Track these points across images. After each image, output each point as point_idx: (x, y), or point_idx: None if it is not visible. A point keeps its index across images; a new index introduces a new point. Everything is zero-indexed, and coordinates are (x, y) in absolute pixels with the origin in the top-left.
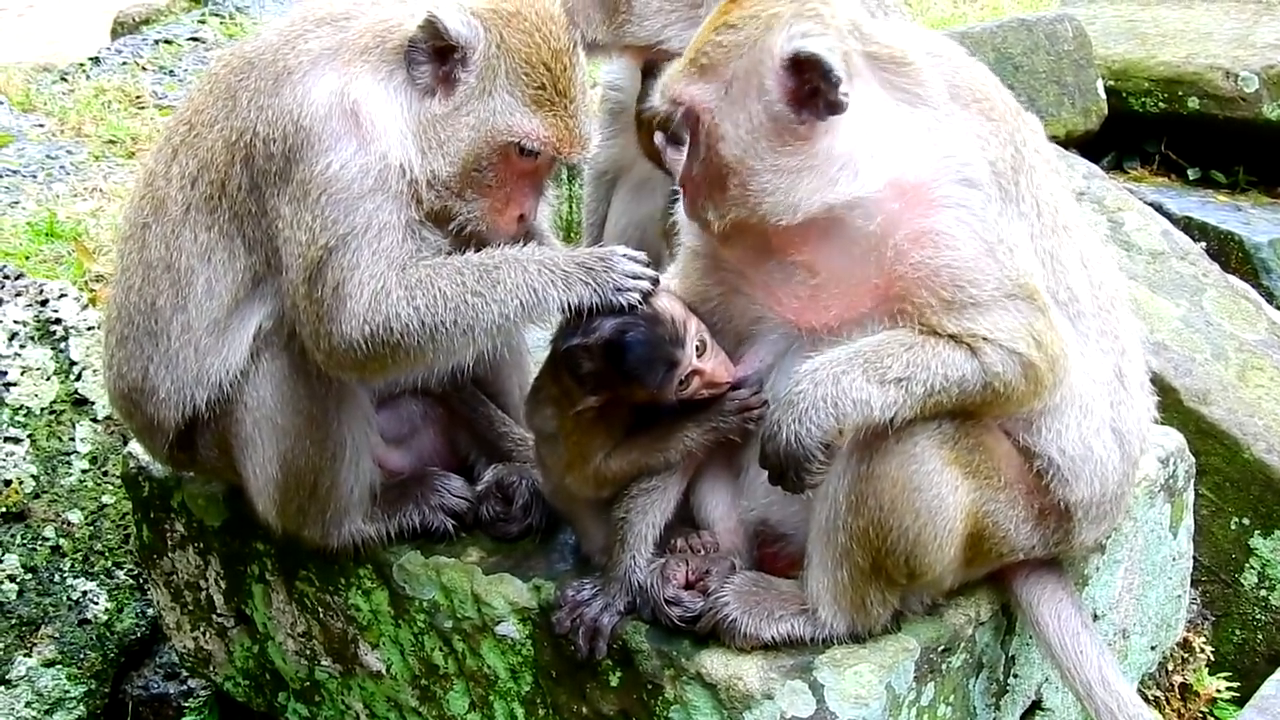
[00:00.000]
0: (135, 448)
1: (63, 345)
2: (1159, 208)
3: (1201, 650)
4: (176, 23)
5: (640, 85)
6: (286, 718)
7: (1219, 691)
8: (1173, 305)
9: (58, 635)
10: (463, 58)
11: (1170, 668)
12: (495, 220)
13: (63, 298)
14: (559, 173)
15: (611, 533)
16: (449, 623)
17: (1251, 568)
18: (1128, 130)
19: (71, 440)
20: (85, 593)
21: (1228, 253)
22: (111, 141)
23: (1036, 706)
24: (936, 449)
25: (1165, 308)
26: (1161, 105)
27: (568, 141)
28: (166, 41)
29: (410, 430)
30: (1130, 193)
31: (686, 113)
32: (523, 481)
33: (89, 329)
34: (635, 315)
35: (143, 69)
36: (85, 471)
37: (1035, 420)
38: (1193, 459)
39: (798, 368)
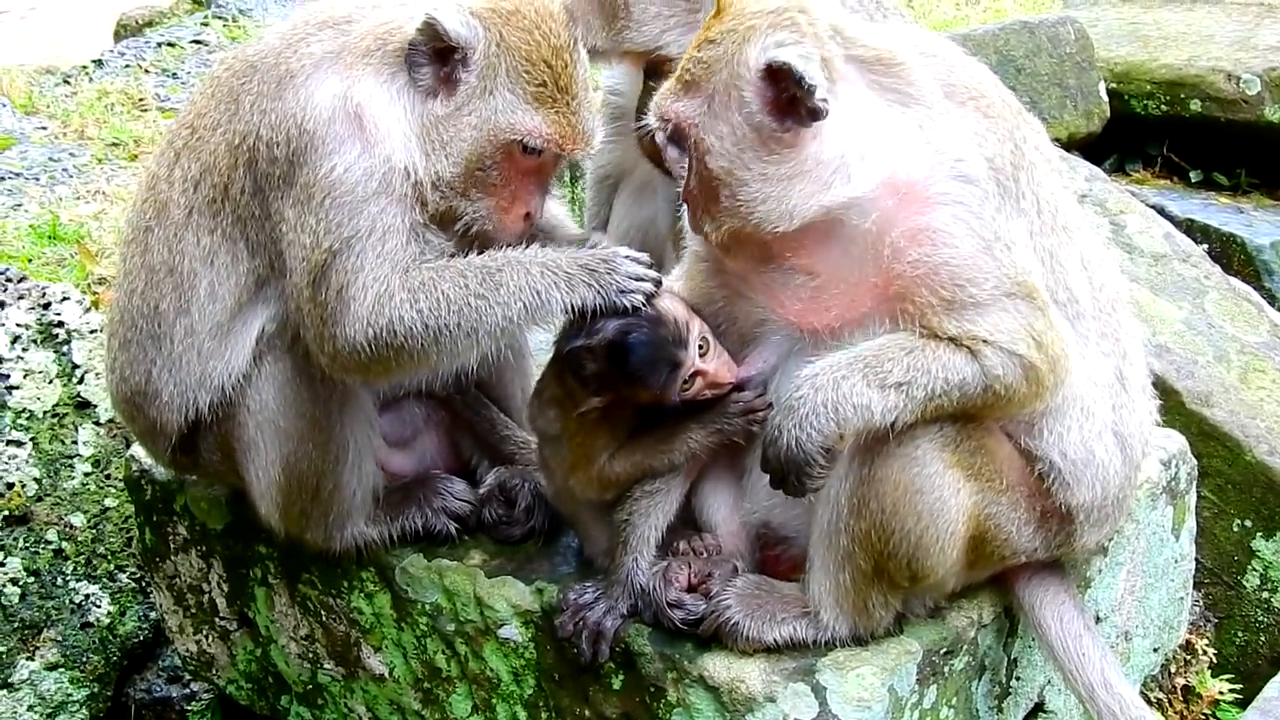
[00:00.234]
0: (138, 451)
1: (65, 348)
2: (1161, 210)
3: (1204, 652)
4: (179, 25)
5: (642, 87)
6: None
7: (1221, 694)
8: (1175, 308)
9: (60, 639)
10: (463, 58)
11: (1173, 670)
12: (501, 219)
13: (65, 301)
14: (563, 172)
15: (614, 535)
16: (451, 625)
17: (1254, 570)
18: (1130, 133)
19: (74, 443)
20: (88, 596)
21: (1230, 255)
22: (114, 144)
23: (1039, 709)
24: (938, 452)
25: (1167, 310)
26: (1163, 108)
27: (570, 138)
28: (169, 44)
29: (413, 433)
30: (1132, 195)
31: (675, 129)
32: (525, 484)
33: (91, 332)
34: (638, 317)
35: (145, 71)
36: (88, 475)
37: (1037, 423)
38: (1195, 461)
39: (798, 373)
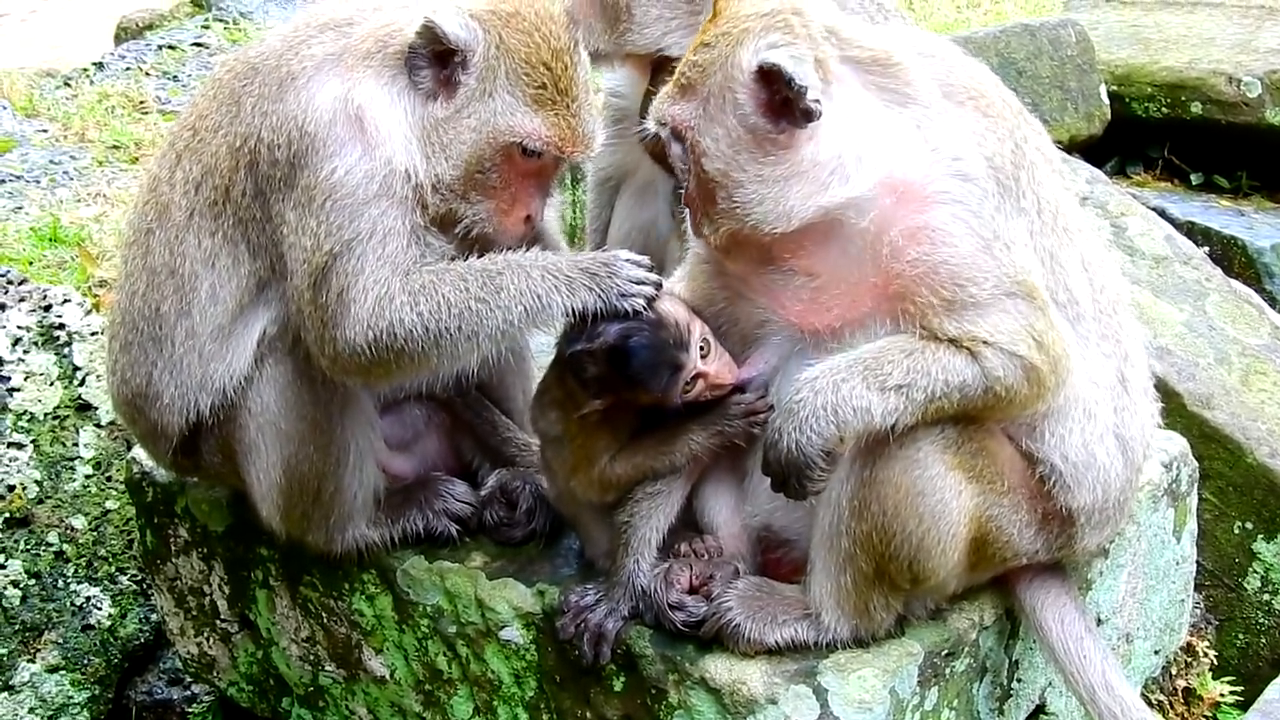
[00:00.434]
0: (139, 453)
1: (66, 351)
2: (1162, 213)
3: (1205, 654)
4: (180, 28)
5: (646, 88)
6: None
7: (1222, 696)
8: (1176, 310)
9: (61, 641)
10: (462, 60)
11: (1174, 672)
12: (502, 222)
13: (66, 303)
14: (564, 176)
15: (615, 537)
16: (453, 627)
17: (1255, 572)
18: (1131, 135)
19: (75, 446)
20: (89, 598)
21: (1231, 257)
22: (115, 147)
23: (1040, 711)
24: (940, 454)
25: (1168, 312)
26: (1164, 110)
27: (570, 140)
28: (170, 47)
29: (414, 435)
30: (1133, 198)
31: (672, 132)
32: (526, 486)
33: (92, 334)
34: (639, 320)
35: (146, 74)
36: (89, 477)
37: (1038, 425)
38: (1196, 463)
39: (798, 376)
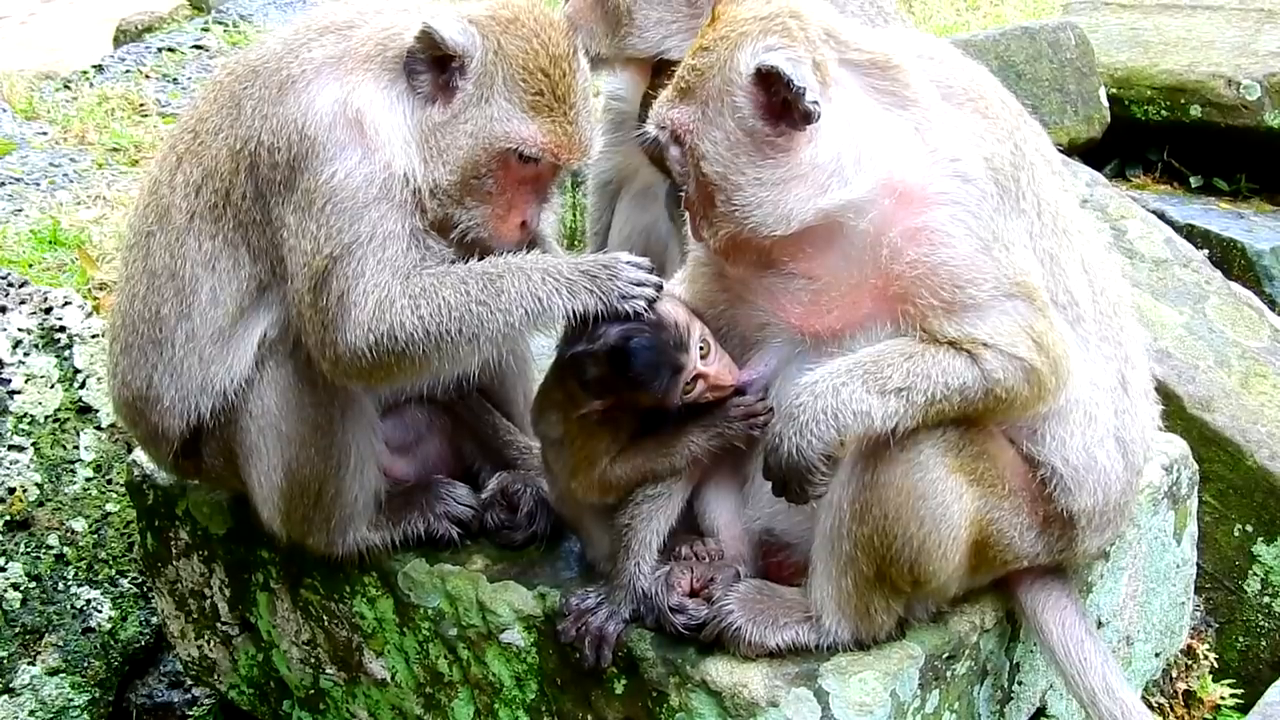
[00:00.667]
0: (140, 456)
1: (67, 353)
2: (1162, 215)
3: (1205, 657)
4: (179, 30)
5: (645, 90)
6: None
7: (1223, 698)
8: (1176, 313)
9: (61, 644)
10: (460, 66)
11: (1174, 675)
12: (497, 228)
13: (67, 305)
14: (564, 179)
15: (615, 540)
16: (454, 630)
17: (1255, 574)
18: (1130, 138)
19: (75, 448)
20: (89, 601)
21: (1230, 260)
22: (115, 149)
23: (1041, 713)
24: (941, 457)
25: (1168, 315)
26: (1164, 113)
27: (567, 147)
28: (170, 49)
29: (415, 438)
30: (1133, 200)
31: (672, 136)
32: (527, 489)
33: (93, 337)
34: (640, 322)
35: (146, 77)
36: (89, 480)
37: (1039, 428)
38: (1196, 466)
39: (798, 380)
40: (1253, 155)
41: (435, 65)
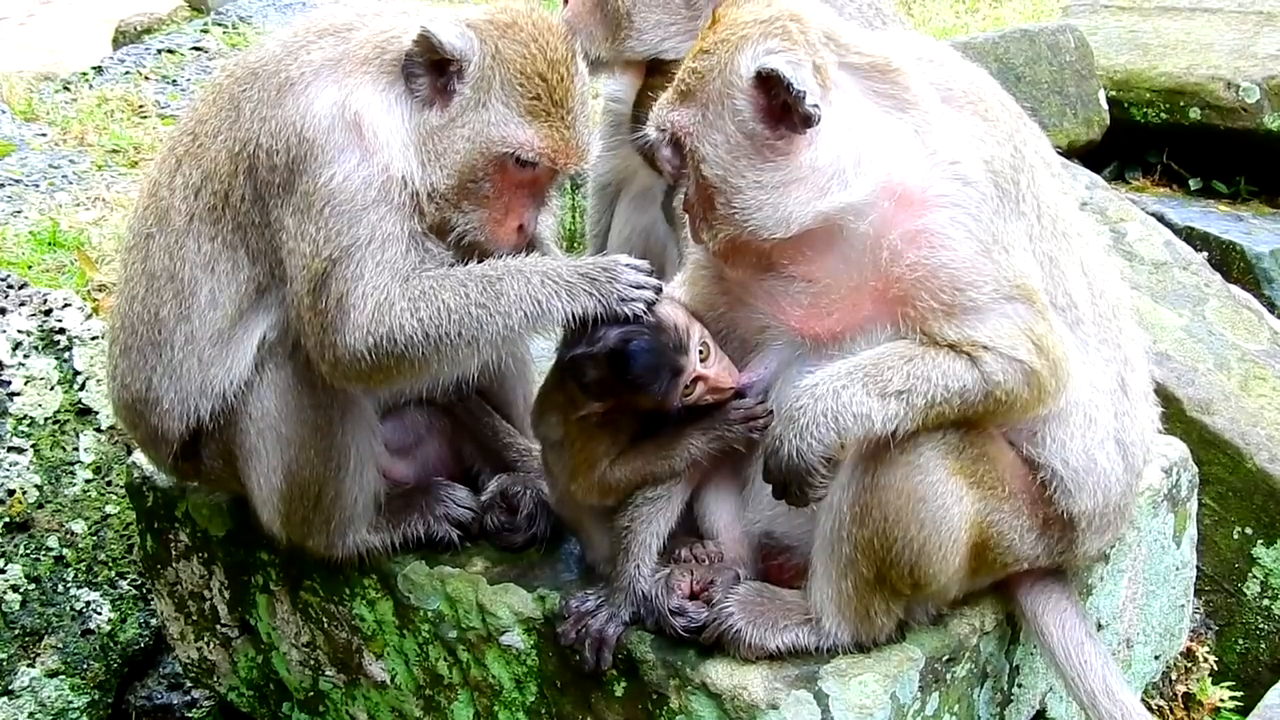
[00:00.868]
0: (139, 458)
1: (66, 355)
2: (1161, 218)
3: (1205, 660)
4: (179, 32)
5: (640, 89)
6: None
7: (1222, 701)
8: (1175, 315)
9: (61, 645)
10: (458, 70)
11: (1174, 677)
12: (494, 231)
13: (67, 307)
14: (563, 183)
15: (615, 542)
16: (454, 633)
17: (1254, 577)
18: (1130, 141)
19: (75, 450)
20: (89, 603)
21: (1229, 263)
22: (114, 151)
23: (1041, 716)
24: (941, 460)
25: (1168, 318)
26: (1163, 116)
27: (564, 152)
28: (169, 51)
29: (415, 440)
30: (1132, 203)
31: (671, 138)
32: (527, 491)
33: (93, 339)
34: (639, 324)
35: (145, 78)
36: (89, 481)
37: (1039, 430)
38: (1196, 469)
39: (798, 383)
40: (1252, 158)
41: (433, 69)
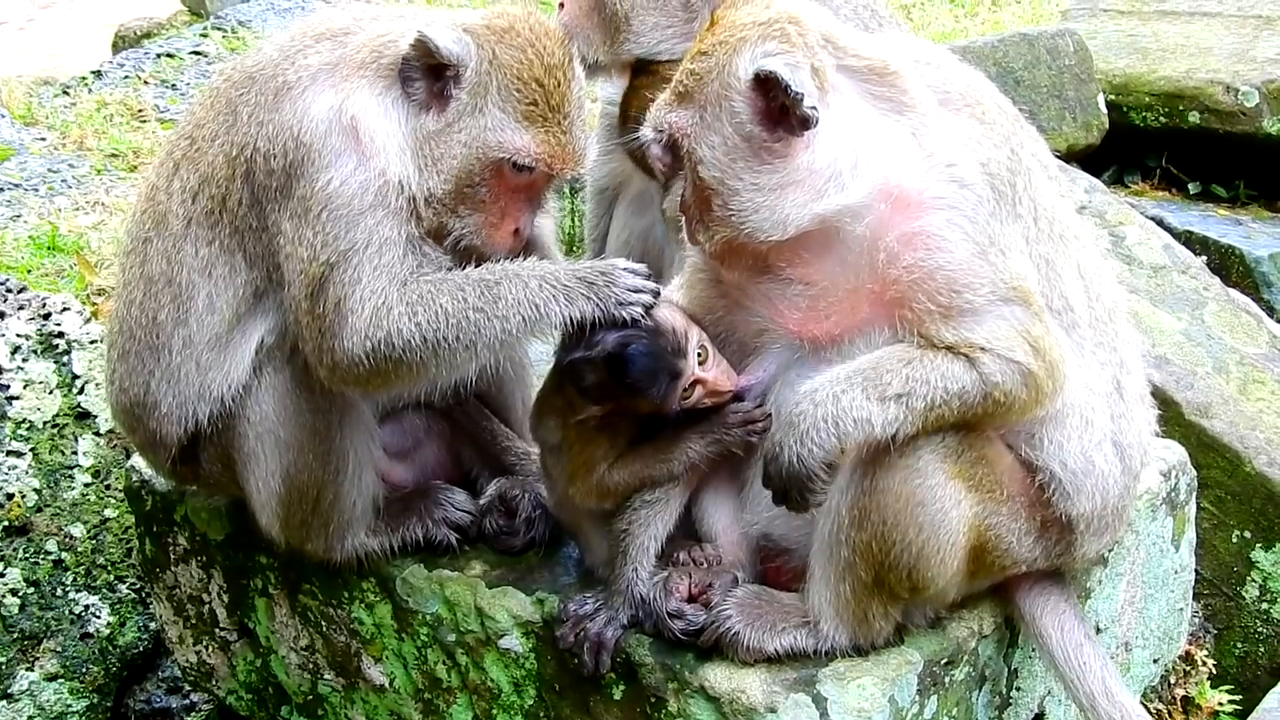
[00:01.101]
0: (138, 461)
1: (65, 359)
2: (1160, 222)
3: (1203, 663)
4: (178, 36)
5: (628, 89)
6: None
7: (1221, 704)
8: (1174, 319)
9: (60, 649)
10: (455, 75)
11: (1172, 680)
12: (491, 235)
13: (65, 311)
14: (560, 187)
15: (614, 545)
16: (452, 636)
17: (1253, 581)
18: (1129, 144)
19: (74, 454)
20: (87, 606)
21: (1228, 267)
22: (113, 155)
23: (1039, 719)
24: (940, 463)
25: (1166, 321)
26: (1162, 120)
27: (560, 157)
28: (168, 55)
29: (413, 444)
30: (1131, 207)
31: (669, 139)
32: (526, 495)
33: (91, 342)
34: (637, 328)
35: (144, 82)
36: (88, 485)
37: (1037, 433)
38: (1194, 472)
39: (798, 388)
40: (1251, 161)
41: (430, 73)
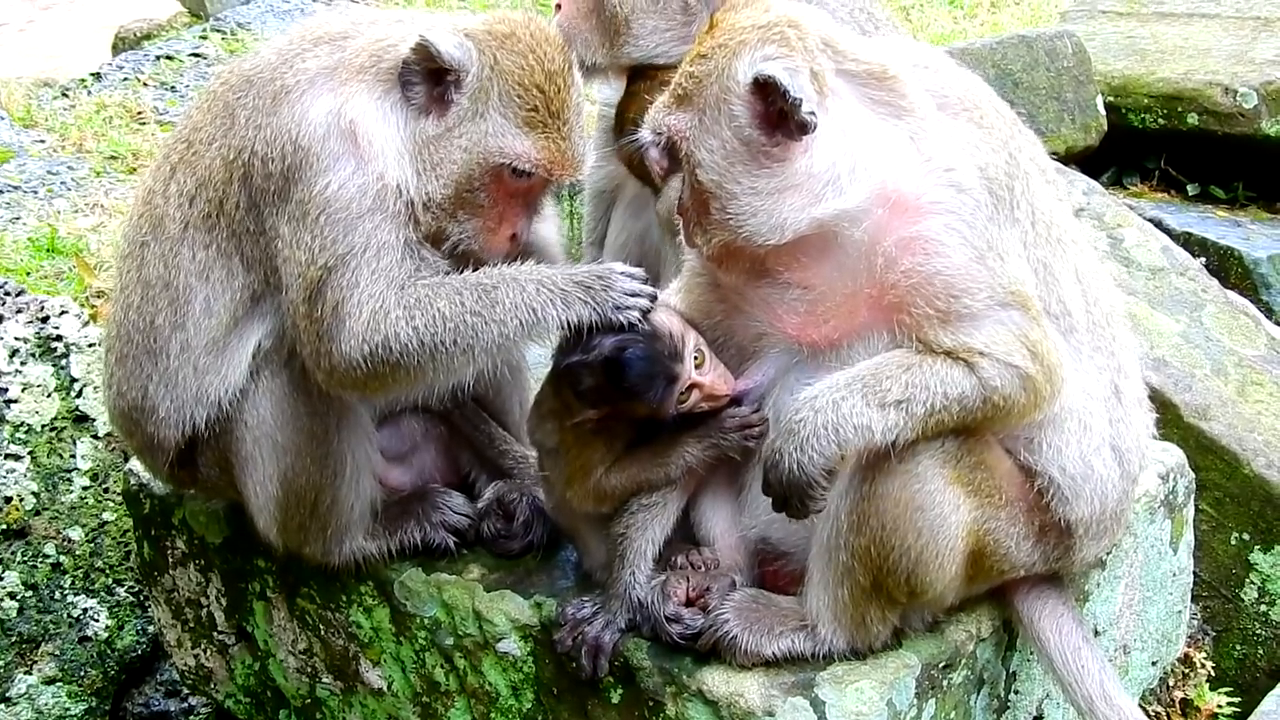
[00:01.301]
0: (136, 465)
1: (64, 362)
2: (1158, 223)
3: (1202, 666)
4: (178, 38)
5: (625, 94)
6: None
7: (1220, 707)
8: (1172, 321)
9: (58, 653)
10: (455, 79)
11: (1171, 683)
12: (488, 240)
13: (64, 314)
14: (558, 190)
15: (611, 548)
16: (450, 640)
17: (1251, 583)
18: (1127, 146)
19: (72, 457)
20: (86, 610)
21: (1227, 268)
22: (113, 157)
23: None
24: (939, 468)
25: (1165, 323)
26: (1161, 121)
27: (560, 163)
28: (168, 57)
29: (411, 447)
30: (1130, 209)
31: (667, 142)
32: (524, 499)
33: (90, 346)
34: (634, 332)
35: (144, 85)
36: (86, 488)
37: (1035, 437)
38: (1193, 474)
39: (797, 394)
40: (1250, 163)
41: (430, 78)
